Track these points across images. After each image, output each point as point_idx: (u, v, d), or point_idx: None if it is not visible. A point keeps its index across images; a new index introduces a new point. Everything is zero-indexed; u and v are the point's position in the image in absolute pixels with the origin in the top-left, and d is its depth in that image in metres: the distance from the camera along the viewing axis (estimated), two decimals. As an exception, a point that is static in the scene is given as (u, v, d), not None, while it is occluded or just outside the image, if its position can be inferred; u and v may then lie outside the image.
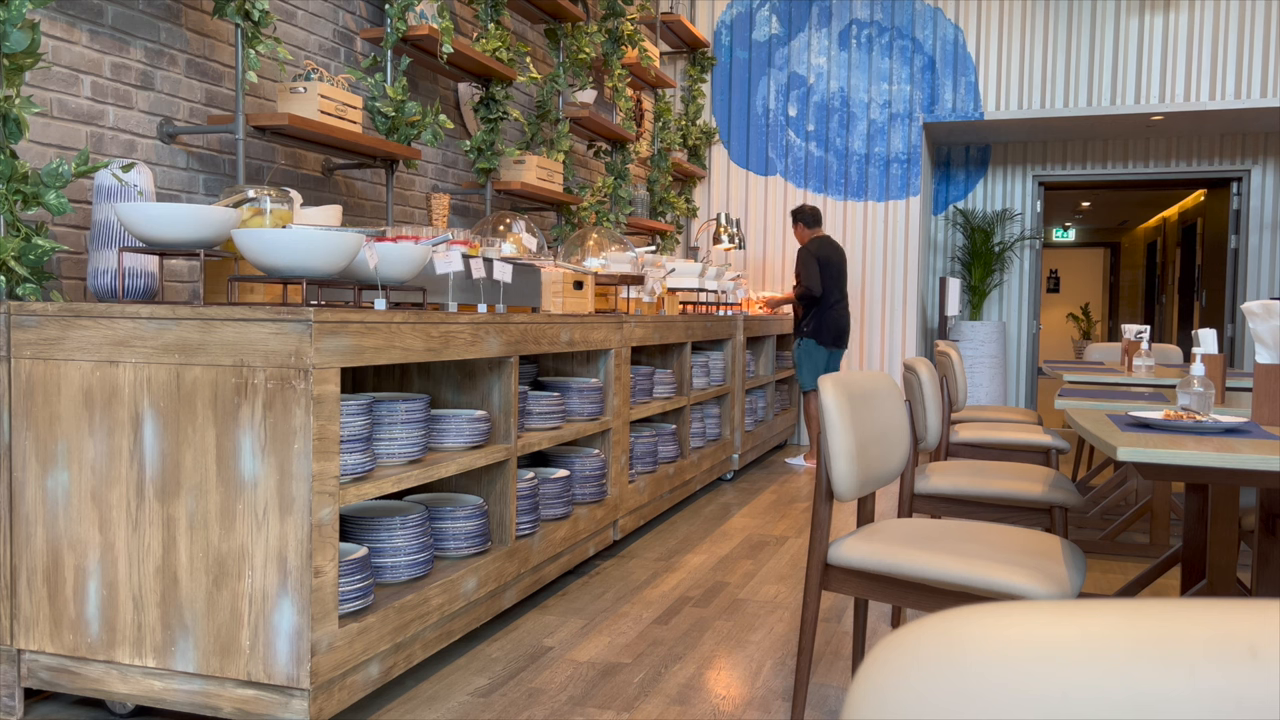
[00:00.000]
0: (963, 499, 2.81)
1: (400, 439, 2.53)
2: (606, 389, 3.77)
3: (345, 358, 2.14)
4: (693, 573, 3.64)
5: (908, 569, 1.93)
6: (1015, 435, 3.86)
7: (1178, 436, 1.89)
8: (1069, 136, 7.41)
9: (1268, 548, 2.38)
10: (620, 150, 5.78)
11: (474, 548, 2.80)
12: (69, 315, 2.21)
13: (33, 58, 2.31)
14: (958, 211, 7.65)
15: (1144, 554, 4.03)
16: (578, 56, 5.10)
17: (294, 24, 3.52)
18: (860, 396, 2.12)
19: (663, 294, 4.76)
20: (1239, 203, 7.37)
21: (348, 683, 2.19)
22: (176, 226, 2.26)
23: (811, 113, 7.06)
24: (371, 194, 3.95)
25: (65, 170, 2.34)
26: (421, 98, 4.27)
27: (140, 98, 2.92)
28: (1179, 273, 11.19)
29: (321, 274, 2.29)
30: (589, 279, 3.82)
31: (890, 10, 6.89)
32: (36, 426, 2.24)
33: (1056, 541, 2.07)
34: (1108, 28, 6.61)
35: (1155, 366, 4.21)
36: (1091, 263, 17.97)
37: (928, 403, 3.11)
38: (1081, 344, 7.38)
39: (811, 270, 5.76)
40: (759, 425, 6.10)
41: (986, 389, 7.10)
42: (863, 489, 2.08)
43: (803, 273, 5.78)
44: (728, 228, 6.61)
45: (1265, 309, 2.27)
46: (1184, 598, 0.56)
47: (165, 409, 2.13)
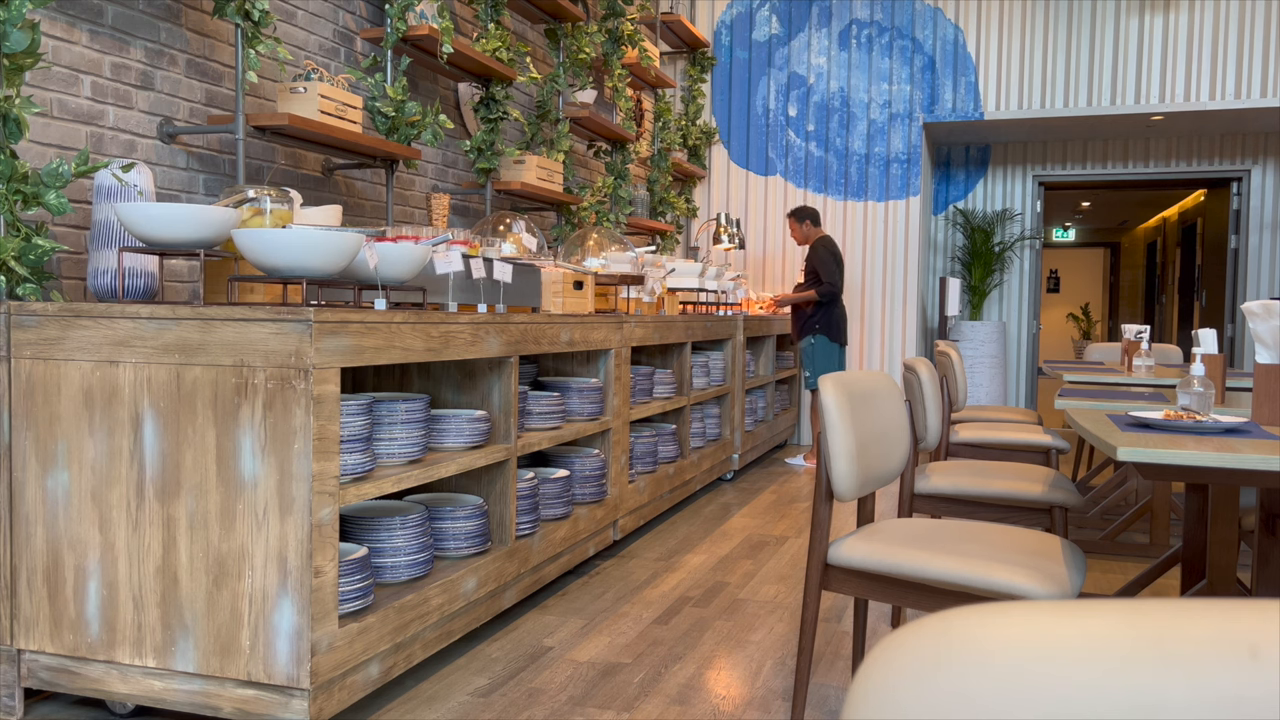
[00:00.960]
0: (963, 499, 2.81)
1: (400, 439, 2.53)
2: (606, 389, 3.77)
3: (345, 358, 2.14)
4: (693, 573, 3.64)
5: (908, 569, 1.93)
6: (1015, 435, 3.86)
7: (1178, 436, 1.89)
8: (1069, 136, 7.41)
9: (1268, 548, 2.38)
10: (620, 150, 5.78)
11: (474, 548, 2.80)
12: (69, 315, 2.21)
13: (33, 58, 2.31)
14: (958, 211, 7.65)
15: (1144, 554, 4.03)
16: (578, 56, 5.10)
17: (294, 24, 3.52)
18: (860, 396, 2.12)
19: (663, 294, 4.76)
20: (1239, 203, 7.37)
21: (348, 683, 2.19)
22: (176, 226, 2.26)
23: (811, 113, 7.06)
24: (371, 194, 3.95)
25: (65, 170, 2.34)
26: (421, 98, 4.27)
27: (140, 98, 2.92)
28: (1179, 273, 11.20)
29: (321, 274, 2.29)
30: (589, 279, 3.82)
31: (890, 10, 6.89)
32: (36, 426, 2.24)
33: (1056, 541, 2.07)
34: (1108, 28, 6.61)
35: (1155, 366, 4.22)
36: (1091, 263, 17.97)
37: (928, 403, 3.11)
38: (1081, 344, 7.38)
39: (832, 268, 5.83)
40: (759, 425, 6.10)
41: (986, 389, 7.10)
42: (863, 489, 2.08)
43: (824, 271, 5.84)
44: (728, 228, 6.61)
45: (1265, 309, 2.27)
46: (1184, 598, 0.56)
47: (165, 409, 2.13)
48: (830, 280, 5.83)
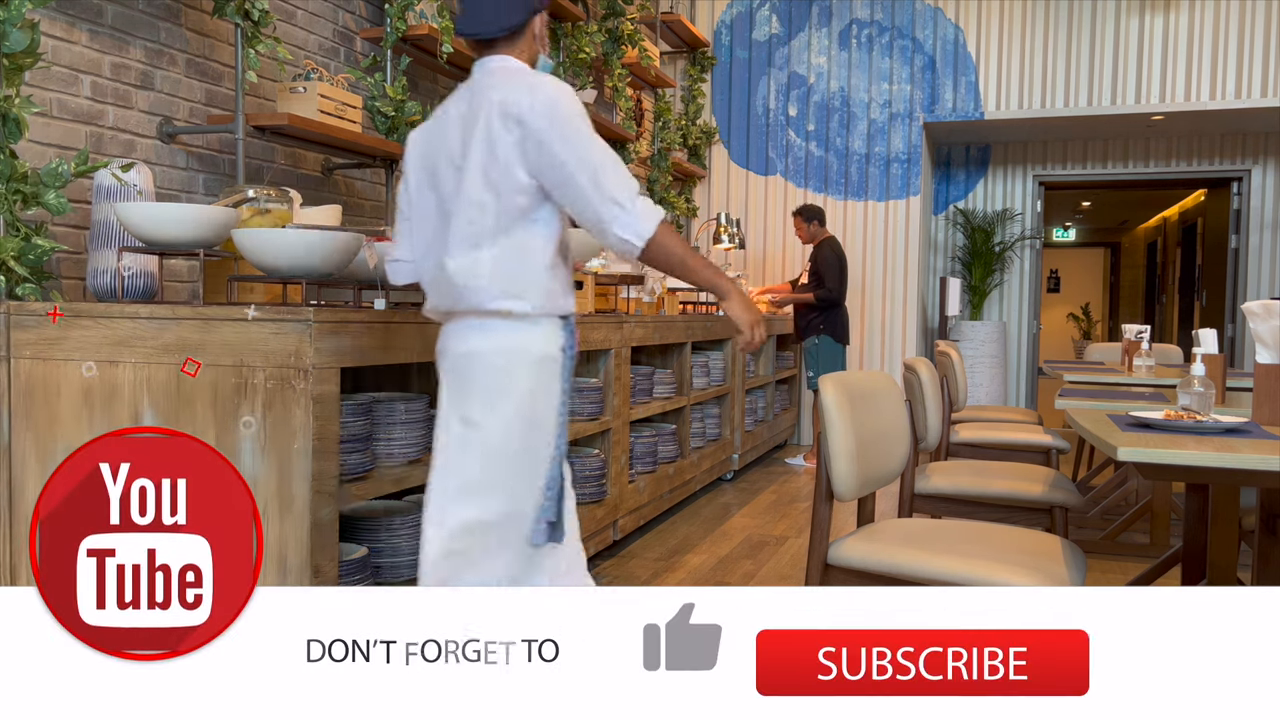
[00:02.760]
0: (963, 499, 2.81)
1: (400, 439, 2.53)
2: (606, 389, 3.77)
3: (345, 358, 2.14)
4: (693, 573, 3.64)
5: (908, 569, 1.93)
6: (1015, 435, 3.86)
7: (1178, 436, 1.89)
8: (1069, 136, 7.41)
9: (1268, 548, 2.38)
10: (620, 150, 5.78)
11: (474, 548, 2.80)
12: (69, 315, 2.21)
13: (33, 57, 2.31)
14: (958, 211, 7.65)
15: (1144, 554, 4.03)
16: (578, 56, 5.10)
17: (294, 24, 3.52)
18: (860, 396, 2.12)
19: (663, 294, 4.75)
20: (1239, 203, 7.37)
21: (348, 683, 2.18)
22: (176, 226, 2.26)
23: (811, 112, 7.06)
24: (371, 194, 3.95)
25: (65, 170, 2.34)
26: (421, 98, 4.27)
27: (140, 98, 2.91)
28: (1179, 273, 11.19)
29: (321, 274, 2.29)
30: (589, 279, 3.82)
31: (890, 10, 6.89)
32: (36, 426, 2.24)
33: (1056, 541, 2.07)
34: (1108, 28, 6.61)
35: (1155, 366, 4.22)
36: (1091, 263, 17.96)
37: (928, 403, 3.11)
38: (1082, 344, 7.38)
39: (837, 274, 5.83)
40: (759, 425, 6.10)
41: (987, 389, 7.10)
42: (863, 489, 2.08)
43: (829, 276, 5.81)
44: (728, 227, 6.61)
45: (1265, 309, 2.28)
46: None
47: (165, 409, 2.13)
48: (833, 287, 5.81)
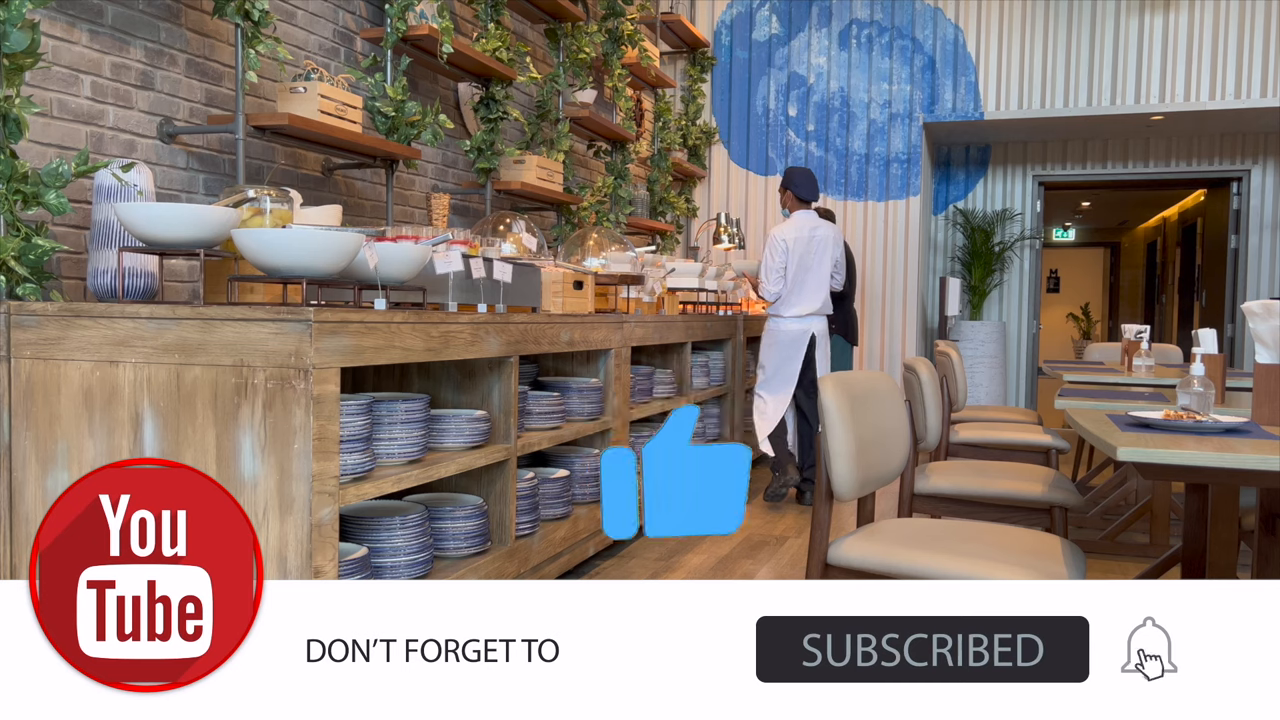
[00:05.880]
0: (963, 499, 2.81)
1: (400, 439, 2.53)
2: (606, 389, 3.77)
3: (345, 358, 2.14)
4: (693, 573, 3.64)
5: (908, 569, 1.93)
6: (1015, 435, 3.86)
7: (1178, 436, 1.89)
8: (1069, 136, 7.41)
9: (1268, 548, 2.38)
10: (620, 150, 5.78)
11: (474, 548, 2.80)
12: (69, 315, 2.21)
13: (33, 58, 2.31)
14: (958, 211, 7.65)
15: (1144, 554, 4.03)
16: (578, 56, 5.10)
17: (294, 24, 3.52)
18: (860, 396, 2.12)
19: (663, 294, 4.75)
20: (1239, 203, 7.37)
21: (348, 683, 2.18)
22: (176, 226, 2.26)
23: (811, 112, 7.06)
24: (371, 194, 3.95)
25: (65, 170, 2.34)
26: (421, 98, 4.27)
27: (140, 98, 2.92)
28: (1179, 273, 11.19)
29: (321, 274, 2.29)
30: (589, 279, 3.82)
31: (890, 10, 6.89)
32: (36, 426, 2.24)
33: (1056, 541, 2.07)
34: (1108, 28, 6.61)
35: (1155, 366, 4.22)
36: (1091, 263, 17.96)
37: (928, 403, 3.11)
38: (1081, 344, 7.38)
39: (853, 276, 5.64)
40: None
41: (986, 389, 7.10)
42: (863, 489, 2.08)
43: (847, 279, 5.63)
44: (728, 228, 6.60)
45: (1265, 309, 2.28)
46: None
47: (165, 409, 2.13)
48: (847, 290, 5.61)
